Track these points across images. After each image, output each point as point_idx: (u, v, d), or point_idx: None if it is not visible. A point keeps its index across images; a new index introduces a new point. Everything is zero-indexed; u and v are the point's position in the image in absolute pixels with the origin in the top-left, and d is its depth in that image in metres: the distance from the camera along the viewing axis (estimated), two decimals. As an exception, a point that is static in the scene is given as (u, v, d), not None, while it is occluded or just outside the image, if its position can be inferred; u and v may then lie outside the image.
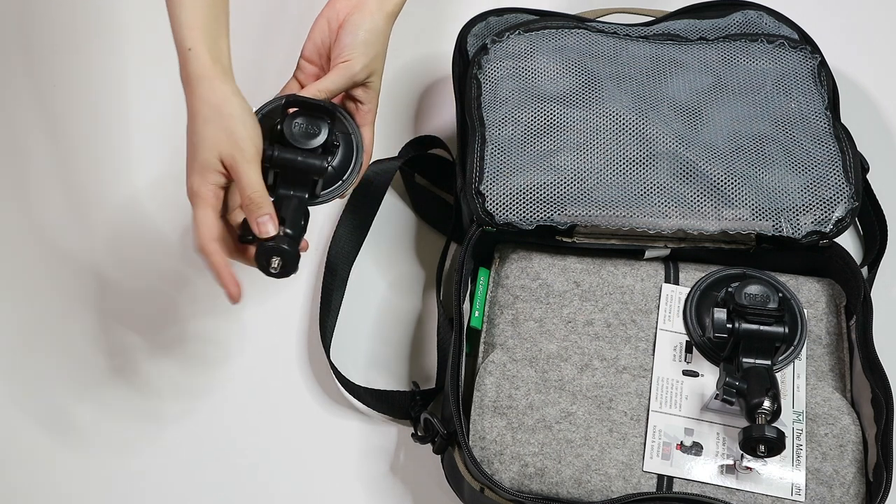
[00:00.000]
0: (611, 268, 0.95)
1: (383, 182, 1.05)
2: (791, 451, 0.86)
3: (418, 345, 1.02)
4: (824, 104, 1.00)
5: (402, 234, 1.08)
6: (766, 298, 0.87)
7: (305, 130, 0.85)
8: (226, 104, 0.81)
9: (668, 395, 0.89)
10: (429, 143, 1.09)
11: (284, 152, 0.84)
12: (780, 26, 1.07)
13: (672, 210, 0.93)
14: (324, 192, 0.87)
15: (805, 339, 0.91)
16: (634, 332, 0.92)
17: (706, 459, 0.86)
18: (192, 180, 0.82)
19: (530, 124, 0.97)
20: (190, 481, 0.95)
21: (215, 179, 0.82)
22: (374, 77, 0.90)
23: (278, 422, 0.98)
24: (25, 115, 1.13)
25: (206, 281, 1.04)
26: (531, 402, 0.88)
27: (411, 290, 1.05)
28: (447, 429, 0.88)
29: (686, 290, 0.93)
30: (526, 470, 0.86)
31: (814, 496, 0.85)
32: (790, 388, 0.89)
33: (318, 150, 0.85)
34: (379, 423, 0.98)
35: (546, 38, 1.03)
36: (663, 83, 1.01)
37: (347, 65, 0.87)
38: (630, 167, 0.95)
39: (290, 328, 1.02)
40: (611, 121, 0.97)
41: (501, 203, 0.93)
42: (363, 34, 0.88)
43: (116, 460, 0.96)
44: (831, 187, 0.95)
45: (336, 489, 0.95)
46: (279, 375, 1.00)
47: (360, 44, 0.87)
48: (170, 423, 0.97)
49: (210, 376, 1.00)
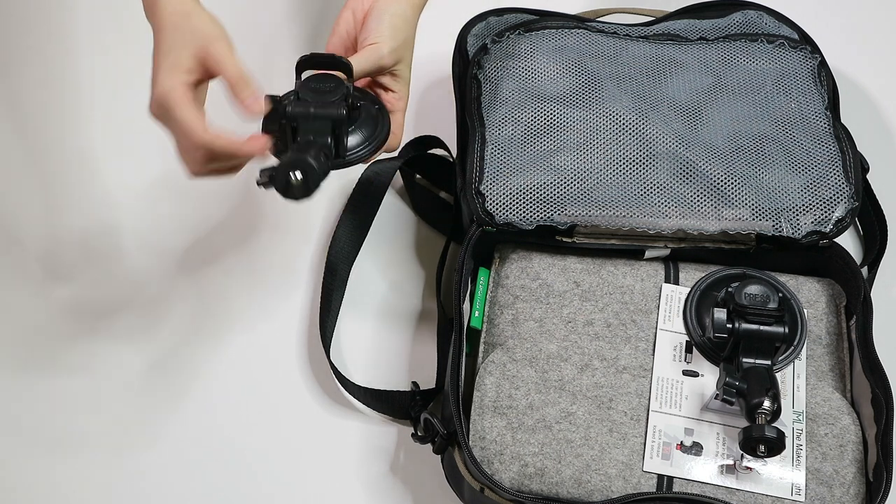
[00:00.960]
0: (611, 268, 0.95)
1: (383, 182, 1.05)
2: (791, 451, 0.86)
3: (418, 345, 1.02)
4: (824, 104, 1.00)
5: (402, 234, 1.08)
6: (766, 298, 0.87)
7: (319, 87, 0.82)
8: (194, 12, 0.80)
9: (668, 395, 0.89)
10: (429, 143, 1.09)
11: (298, 105, 0.81)
12: (780, 26, 1.07)
13: (672, 210, 0.93)
14: (348, 154, 0.84)
15: (805, 339, 0.91)
16: (634, 332, 0.92)
17: (706, 459, 0.86)
18: (161, 83, 0.77)
19: (530, 124, 0.97)
20: (189, 481, 0.95)
21: (185, 78, 0.78)
22: (402, 66, 0.88)
23: (278, 422, 0.98)
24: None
25: (206, 280, 1.05)
26: (531, 402, 0.88)
27: (411, 290, 1.05)
28: (447, 429, 0.88)
29: (686, 290, 0.93)
30: (526, 470, 0.86)
31: (814, 496, 0.85)
32: (790, 388, 0.89)
33: (334, 100, 0.81)
34: (379, 423, 0.98)
35: (546, 38, 1.03)
36: (663, 83, 1.01)
37: (374, 47, 0.85)
38: (630, 167, 0.95)
39: (290, 328, 1.02)
40: (611, 121, 0.97)
41: (501, 203, 0.93)
42: (389, 18, 0.86)
43: (114, 461, 0.96)
44: (831, 187, 0.95)
45: (336, 489, 0.95)
46: (279, 375, 1.00)
47: (388, 27, 0.86)
48: (169, 423, 0.97)
49: (209, 376, 1.00)
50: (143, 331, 1.02)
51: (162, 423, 0.97)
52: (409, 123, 1.13)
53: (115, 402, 0.98)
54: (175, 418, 0.98)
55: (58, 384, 0.99)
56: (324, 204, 1.09)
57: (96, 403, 0.98)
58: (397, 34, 0.86)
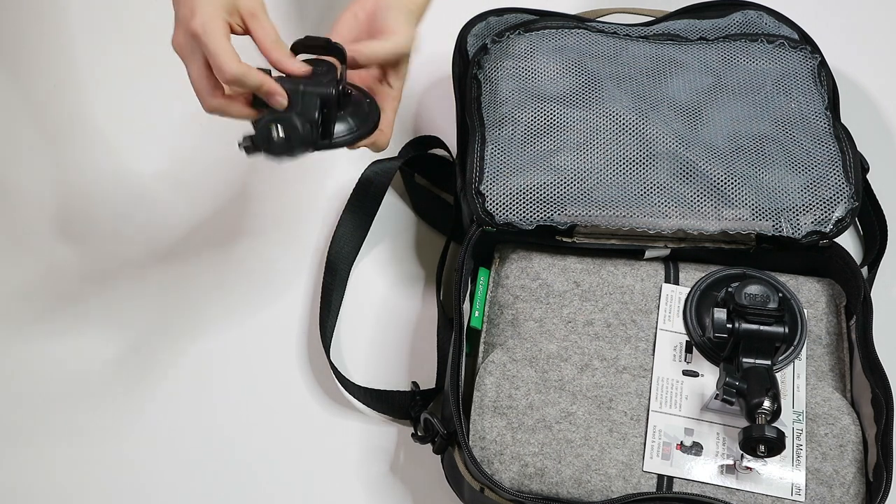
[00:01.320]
0: (611, 268, 0.95)
1: (383, 182, 1.05)
2: (791, 451, 0.86)
3: (418, 345, 1.02)
4: (824, 104, 1.00)
5: (402, 234, 1.08)
6: (766, 298, 0.87)
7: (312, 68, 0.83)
8: None
9: (668, 395, 0.89)
10: (429, 143, 1.09)
11: (288, 83, 0.81)
12: (780, 26, 1.07)
13: (672, 210, 0.93)
14: (334, 138, 0.84)
15: (805, 339, 0.91)
16: (634, 332, 0.92)
17: (706, 459, 0.86)
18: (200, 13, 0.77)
19: (530, 124, 0.97)
20: (189, 481, 0.95)
21: (224, 14, 0.78)
22: (404, 64, 0.87)
23: (278, 422, 0.98)
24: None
25: (206, 280, 1.05)
26: (531, 402, 0.88)
27: (411, 290, 1.05)
28: (447, 429, 0.88)
29: (686, 290, 0.93)
30: (526, 470, 0.86)
31: (814, 496, 0.85)
32: (790, 388, 0.89)
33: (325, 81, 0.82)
34: (379, 423, 0.98)
35: (546, 38, 1.03)
36: (663, 83, 1.01)
37: (394, 36, 0.85)
38: (630, 167, 0.95)
39: (290, 328, 1.02)
40: (611, 121, 0.97)
41: (501, 203, 0.93)
42: (401, 10, 0.85)
43: (113, 461, 0.96)
44: (831, 187, 0.95)
45: (336, 489, 0.95)
46: (279, 375, 1.00)
47: (404, 17, 0.85)
48: (168, 422, 0.97)
49: (209, 376, 1.00)
50: (142, 330, 1.02)
51: (161, 423, 0.97)
52: (409, 123, 1.14)
53: (115, 402, 0.98)
54: (175, 418, 0.98)
55: (58, 384, 0.99)
56: (324, 204, 1.09)
57: (96, 403, 0.98)
58: (411, 26, 0.86)
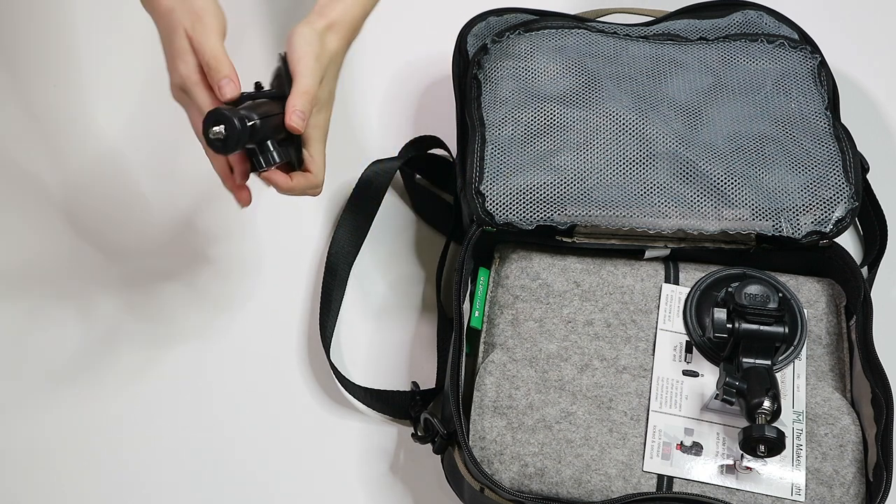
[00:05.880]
0: (611, 268, 0.95)
1: (383, 182, 1.05)
2: (791, 451, 0.86)
3: (418, 345, 1.02)
4: (824, 104, 1.00)
5: (402, 234, 1.08)
6: (766, 298, 0.87)
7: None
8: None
9: (668, 395, 0.89)
10: (429, 143, 1.09)
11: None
12: (780, 26, 1.07)
13: (672, 210, 0.93)
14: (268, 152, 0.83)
15: (805, 339, 0.91)
16: (634, 332, 0.92)
17: (706, 459, 0.86)
18: (177, 69, 0.81)
19: (530, 124, 0.97)
20: (189, 482, 0.95)
21: (192, 61, 0.81)
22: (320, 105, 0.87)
23: (278, 422, 0.98)
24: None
25: (206, 280, 1.05)
26: (531, 402, 0.88)
27: (411, 290, 1.05)
28: (447, 429, 0.88)
29: (686, 290, 0.93)
30: (526, 470, 0.86)
31: (814, 496, 0.85)
32: (790, 388, 0.89)
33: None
34: (379, 423, 0.98)
35: (546, 38, 1.03)
36: (663, 83, 1.01)
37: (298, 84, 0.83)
38: (630, 167, 0.95)
39: (290, 328, 1.02)
40: (611, 121, 0.97)
41: (501, 203, 0.93)
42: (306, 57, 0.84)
43: (113, 461, 0.96)
44: (831, 187, 0.95)
45: (336, 489, 0.95)
46: (279, 375, 1.00)
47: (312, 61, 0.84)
48: (168, 422, 0.97)
49: (209, 376, 1.00)
50: (141, 331, 1.02)
51: (161, 423, 0.97)
52: (410, 123, 1.14)
53: (114, 402, 0.98)
54: (174, 418, 0.98)
55: (58, 384, 0.99)
56: (324, 204, 1.09)
57: (96, 403, 0.98)
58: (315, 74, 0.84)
